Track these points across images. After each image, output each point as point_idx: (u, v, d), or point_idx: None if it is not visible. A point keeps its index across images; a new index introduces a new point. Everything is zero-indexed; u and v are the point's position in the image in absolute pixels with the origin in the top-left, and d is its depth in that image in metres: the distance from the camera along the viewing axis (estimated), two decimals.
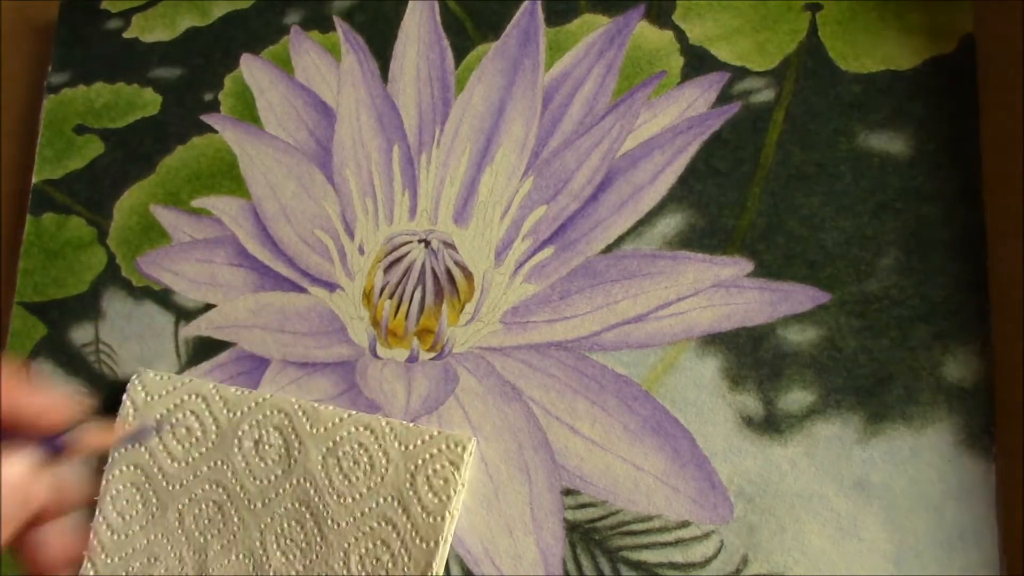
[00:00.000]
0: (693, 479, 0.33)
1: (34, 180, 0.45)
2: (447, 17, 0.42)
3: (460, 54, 0.41)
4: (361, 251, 0.39)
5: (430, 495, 0.34)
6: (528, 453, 0.35)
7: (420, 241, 0.39)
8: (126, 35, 0.46)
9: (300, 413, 0.36)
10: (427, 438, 0.35)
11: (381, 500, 0.35)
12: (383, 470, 0.35)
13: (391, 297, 0.38)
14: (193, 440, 0.37)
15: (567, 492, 0.34)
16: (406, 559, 0.34)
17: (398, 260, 0.39)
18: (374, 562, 0.34)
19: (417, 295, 0.38)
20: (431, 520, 0.34)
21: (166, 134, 0.44)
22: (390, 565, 0.34)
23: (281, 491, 0.36)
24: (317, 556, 0.35)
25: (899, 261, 0.33)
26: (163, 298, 0.41)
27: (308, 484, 0.35)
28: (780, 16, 0.37)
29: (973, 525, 0.30)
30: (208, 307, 0.40)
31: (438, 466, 0.35)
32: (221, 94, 0.44)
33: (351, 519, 0.35)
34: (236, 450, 0.36)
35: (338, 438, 0.35)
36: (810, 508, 0.32)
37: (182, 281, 0.41)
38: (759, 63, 0.37)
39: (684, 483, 0.33)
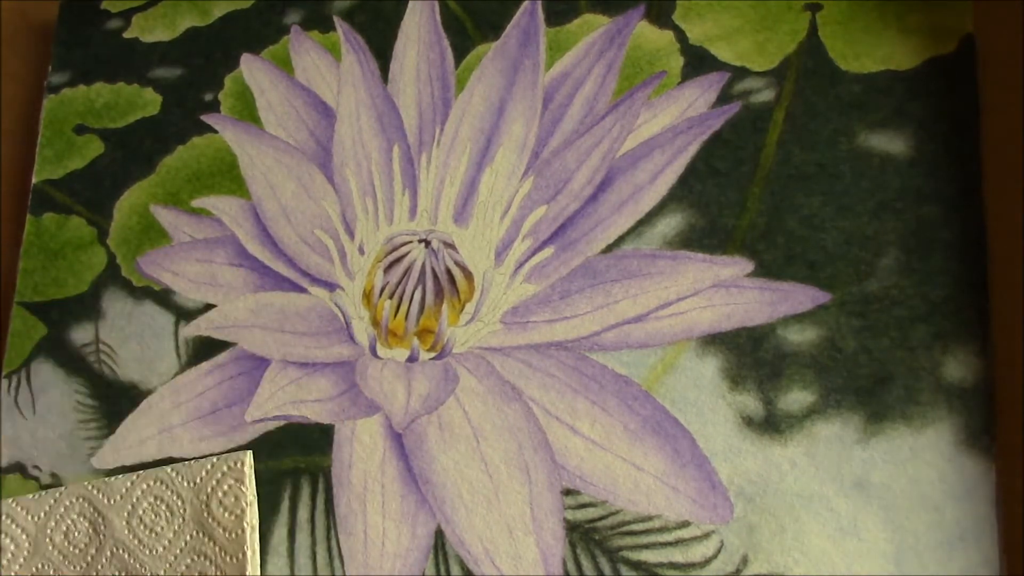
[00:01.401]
0: (693, 479, 0.33)
1: (34, 180, 0.45)
2: (447, 17, 0.42)
3: (460, 54, 0.41)
4: (361, 251, 0.39)
5: (226, 514, 0.36)
6: (528, 453, 0.35)
7: (420, 241, 0.39)
8: (126, 35, 0.46)
9: (95, 492, 0.38)
10: (209, 467, 0.37)
11: (188, 538, 0.37)
12: (181, 511, 0.37)
13: (391, 297, 0.38)
14: (9, 558, 0.39)
15: (567, 492, 0.34)
16: None
17: (398, 260, 0.39)
18: None
19: (417, 295, 0.38)
20: (233, 536, 0.36)
21: (166, 134, 0.44)
22: None
23: (99, 567, 0.38)
24: None
25: (899, 261, 0.33)
26: (163, 298, 0.41)
27: (122, 551, 0.37)
28: (780, 16, 0.37)
29: (973, 525, 0.30)
30: (208, 307, 0.40)
31: (226, 487, 0.37)
32: (221, 94, 0.44)
33: (167, 565, 0.37)
34: (50, 547, 0.38)
35: (135, 499, 0.38)
36: (810, 508, 0.32)
37: (182, 281, 0.41)
38: (759, 63, 0.37)
39: (684, 483, 0.33)
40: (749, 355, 0.34)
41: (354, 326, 0.39)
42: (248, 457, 0.37)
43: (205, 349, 0.40)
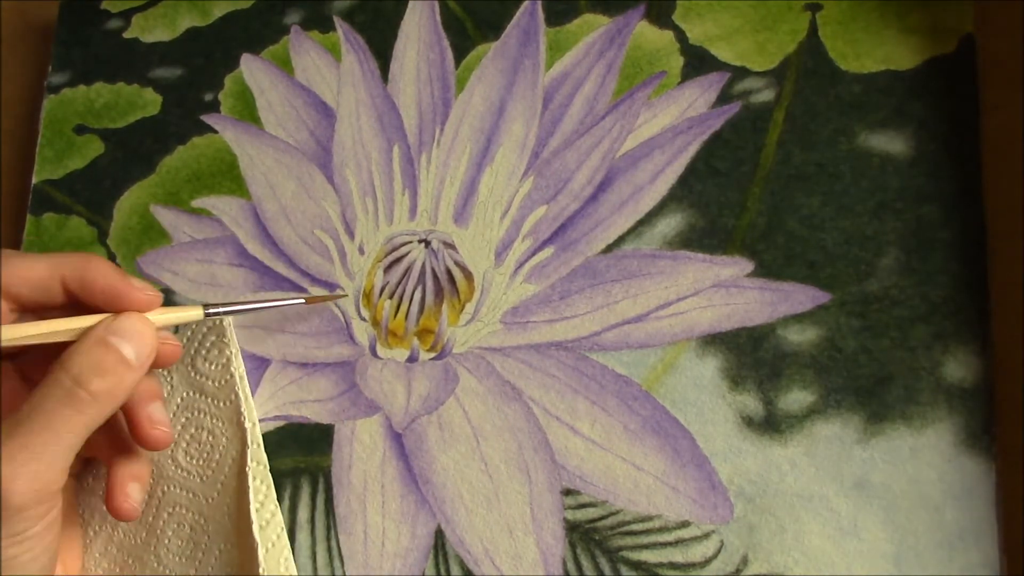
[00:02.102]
0: (693, 479, 0.33)
1: (34, 180, 0.45)
2: (447, 17, 0.42)
3: (460, 54, 0.41)
4: (361, 251, 0.39)
5: (211, 367, 0.37)
6: (528, 453, 0.35)
7: (420, 241, 0.39)
8: (126, 35, 0.46)
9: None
10: (189, 333, 0.38)
11: (179, 400, 0.37)
12: (169, 379, 0.38)
13: (391, 297, 0.38)
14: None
15: (567, 492, 0.34)
16: (221, 425, 0.37)
17: (398, 260, 0.39)
18: (198, 445, 0.37)
19: (417, 295, 0.38)
20: (222, 383, 0.37)
21: (166, 134, 0.44)
22: (210, 438, 0.37)
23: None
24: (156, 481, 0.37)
25: (899, 261, 0.33)
26: (163, 298, 0.41)
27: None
28: (780, 16, 0.37)
29: (973, 525, 0.30)
30: None
31: (208, 343, 0.38)
32: (221, 94, 0.44)
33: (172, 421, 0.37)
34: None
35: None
36: (810, 508, 0.32)
37: (182, 281, 0.41)
38: (759, 63, 0.37)
39: (684, 483, 0.33)
40: (749, 355, 0.34)
41: (354, 326, 0.38)
42: (228, 318, 0.38)
43: None
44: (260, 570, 0.34)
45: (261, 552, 0.34)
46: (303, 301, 0.37)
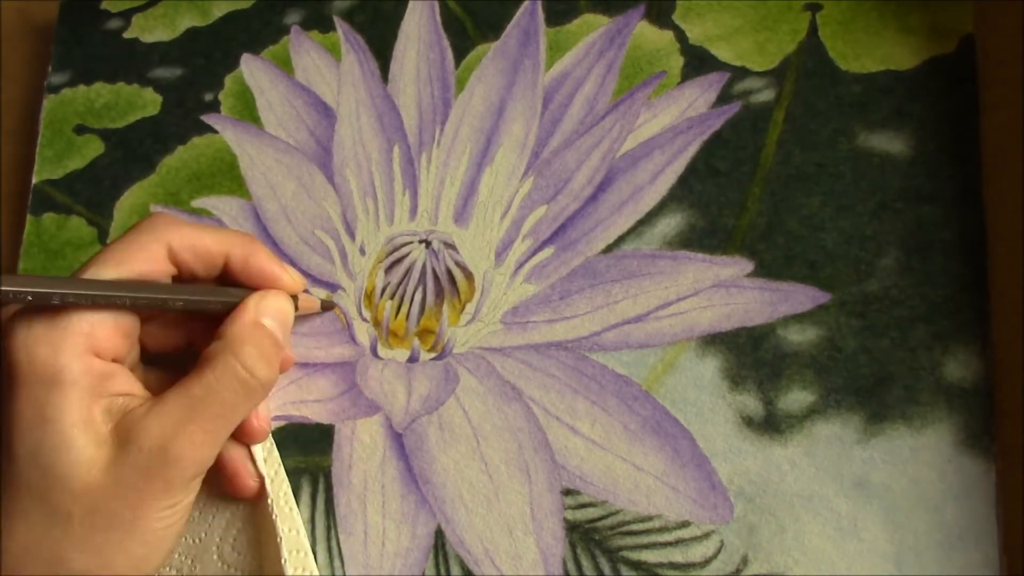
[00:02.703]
0: (693, 479, 0.33)
1: (34, 180, 0.45)
2: (447, 17, 0.42)
3: (460, 54, 0.41)
4: (362, 252, 0.39)
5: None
6: (528, 453, 0.35)
7: (421, 241, 0.39)
8: (126, 35, 0.46)
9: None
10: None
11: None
12: None
13: (392, 297, 0.38)
14: None
15: (567, 492, 0.34)
16: (266, 533, 0.35)
17: (399, 260, 0.39)
18: (246, 540, 0.35)
19: (418, 295, 0.38)
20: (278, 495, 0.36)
21: (166, 134, 0.44)
22: (257, 542, 0.35)
23: None
24: None
25: (899, 261, 0.33)
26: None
27: None
28: (780, 16, 0.37)
29: (973, 525, 0.30)
30: None
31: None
32: (221, 94, 0.44)
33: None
34: None
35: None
36: (810, 508, 0.32)
37: None
38: (759, 63, 0.37)
39: (684, 483, 0.33)
40: (749, 355, 0.34)
41: (355, 327, 0.39)
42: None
43: None
44: (268, 500, 0.35)
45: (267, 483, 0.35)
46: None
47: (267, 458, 0.36)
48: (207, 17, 0.45)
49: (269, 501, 0.35)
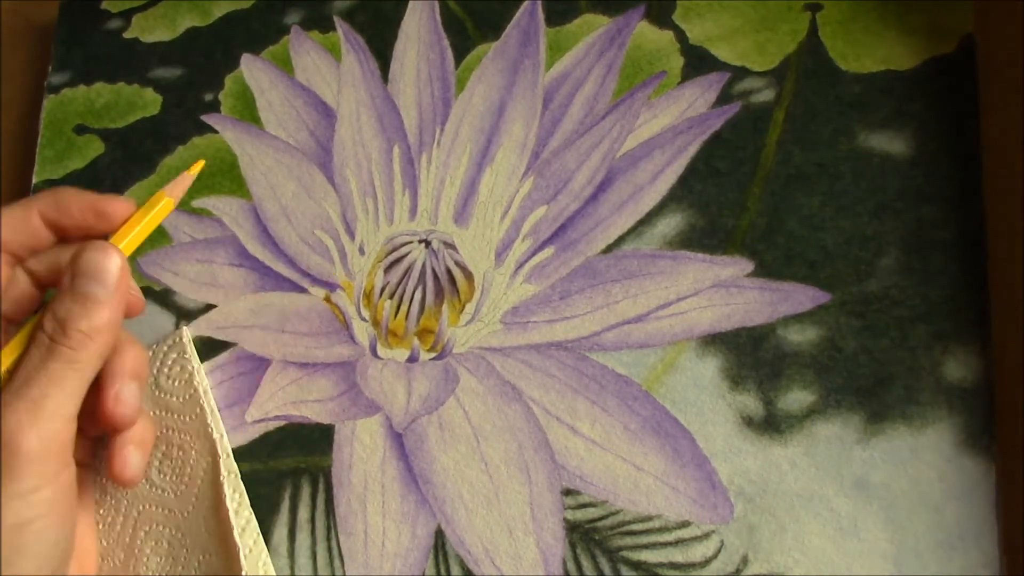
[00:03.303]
0: (693, 479, 0.33)
1: (34, 180, 0.45)
2: (447, 17, 0.42)
3: (460, 54, 0.41)
4: (362, 251, 0.39)
5: (174, 383, 0.38)
6: (528, 453, 0.35)
7: (420, 241, 0.39)
8: (126, 35, 0.46)
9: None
10: (150, 353, 0.39)
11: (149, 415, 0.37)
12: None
13: (392, 297, 0.38)
14: None
15: (567, 492, 0.34)
16: (190, 439, 0.37)
17: (399, 260, 0.39)
18: (170, 461, 0.37)
19: (417, 295, 0.38)
20: (185, 397, 0.37)
21: (166, 134, 0.44)
22: (180, 454, 0.37)
23: None
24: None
25: (899, 261, 0.33)
26: (163, 298, 0.41)
27: None
28: (780, 16, 0.37)
29: (973, 525, 0.30)
30: (208, 307, 0.40)
31: (169, 362, 0.38)
32: (221, 94, 0.44)
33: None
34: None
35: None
36: (810, 508, 0.32)
37: (182, 281, 0.41)
38: (759, 63, 0.37)
39: (684, 483, 0.33)
40: (749, 355, 0.34)
41: (354, 326, 0.39)
42: (185, 329, 0.39)
43: (205, 349, 0.40)
44: (243, 572, 0.34)
45: (242, 555, 0.35)
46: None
47: (238, 508, 0.36)
48: (207, 17, 0.45)
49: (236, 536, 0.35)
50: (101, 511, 0.37)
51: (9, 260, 0.33)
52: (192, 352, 0.39)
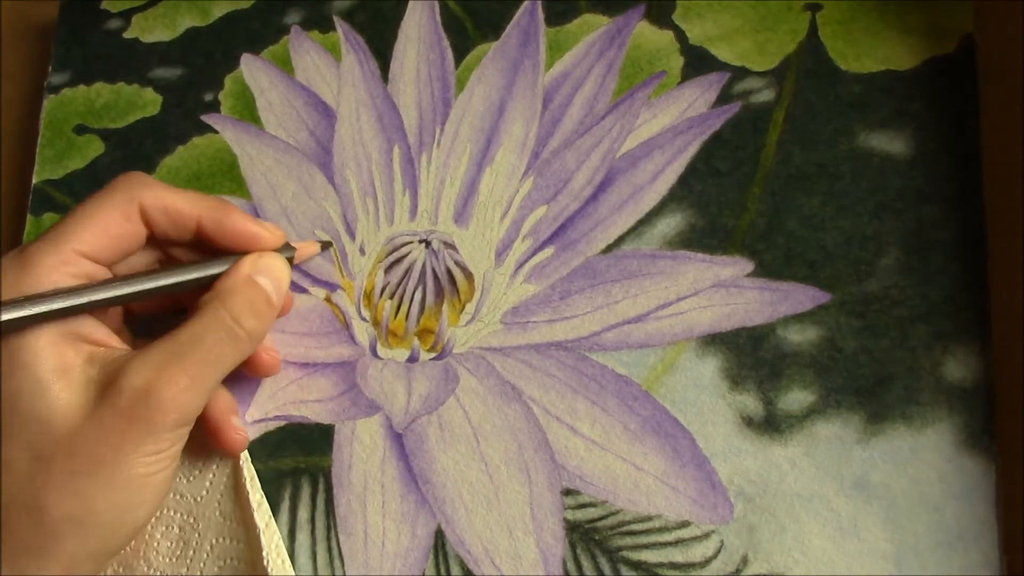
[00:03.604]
0: (693, 479, 0.33)
1: (34, 180, 0.45)
2: (447, 17, 0.42)
3: (460, 54, 0.41)
4: (362, 252, 0.39)
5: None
6: (528, 453, 0.35)
7: (421, 241, 0.39)
8: (126, 35, 0.46)
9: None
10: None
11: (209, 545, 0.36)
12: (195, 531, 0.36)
13: (392, 297, 0.38)
14: None
15: (567, 492, 0.34)
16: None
17: (399, 260, 0.39)
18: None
19: (418, 295, 0.38)
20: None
21: (166, 134, 0.44)
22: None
23: None
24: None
25: (899, 261, 0.33)
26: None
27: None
28: (780, 16, 0.37)
29: (973, 525, 0.30)
30: None
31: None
32: (221, 94, 0.44)
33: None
34: None
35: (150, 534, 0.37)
36: (810, 508, 0.32)
37: None
38: (759, 63, 0.37)
39: (684, 483, 0.33)
40: (749, 355, 0.34)
41: (354, 326, 0.39)
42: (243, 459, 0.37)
43: None
44: (263, 552, 0.34)
45: (260, 532, 0.35)
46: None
47: (251, 487, 0.36)
48: (207, 17, 0.45)
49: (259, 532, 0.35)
50: None
51: (148, 234, 0.34)
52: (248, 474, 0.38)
